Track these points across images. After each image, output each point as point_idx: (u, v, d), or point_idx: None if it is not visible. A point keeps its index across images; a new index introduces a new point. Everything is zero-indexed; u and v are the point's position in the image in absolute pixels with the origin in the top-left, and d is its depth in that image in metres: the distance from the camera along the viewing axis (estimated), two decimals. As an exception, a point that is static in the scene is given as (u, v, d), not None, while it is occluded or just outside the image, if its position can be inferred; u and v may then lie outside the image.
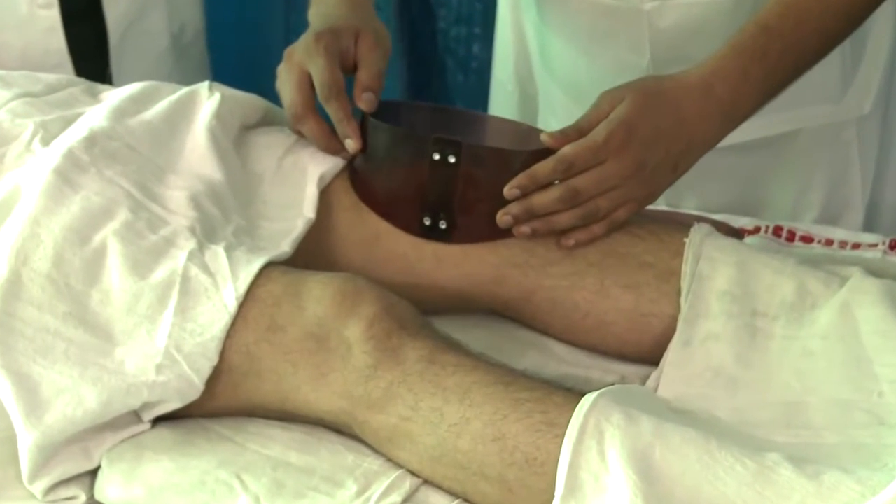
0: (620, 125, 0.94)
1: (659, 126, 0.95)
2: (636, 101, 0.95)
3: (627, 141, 0.94)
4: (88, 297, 0.89)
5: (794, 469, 0.76)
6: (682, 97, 0.97)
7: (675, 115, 0.96)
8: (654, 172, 0.96)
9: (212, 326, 0.87)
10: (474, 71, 2.02)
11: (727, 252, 0.98)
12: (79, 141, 0.96)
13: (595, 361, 1.01)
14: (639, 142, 0.94)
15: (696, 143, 0.98)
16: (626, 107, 0.95)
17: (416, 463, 0.86)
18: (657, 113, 0.96)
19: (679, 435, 0.78)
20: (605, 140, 0.94)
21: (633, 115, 0.94)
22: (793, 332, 0.93)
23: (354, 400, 0.87)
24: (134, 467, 0.87)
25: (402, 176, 1.01)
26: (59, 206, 0.92)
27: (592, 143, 0.94)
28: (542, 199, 0.96)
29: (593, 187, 0.95)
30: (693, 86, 0.97)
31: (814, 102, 1.28)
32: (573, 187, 0.95)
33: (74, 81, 1.14)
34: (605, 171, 0.94)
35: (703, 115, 0.97)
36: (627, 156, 0.94)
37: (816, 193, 1.35)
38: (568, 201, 0.95)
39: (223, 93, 1.07)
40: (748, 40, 0.99)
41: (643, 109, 0.95)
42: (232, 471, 0.86)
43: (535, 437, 0.81)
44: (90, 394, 0.85)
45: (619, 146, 0.94)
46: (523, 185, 0.95)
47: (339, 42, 1.01)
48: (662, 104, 0.96)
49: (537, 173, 0.95)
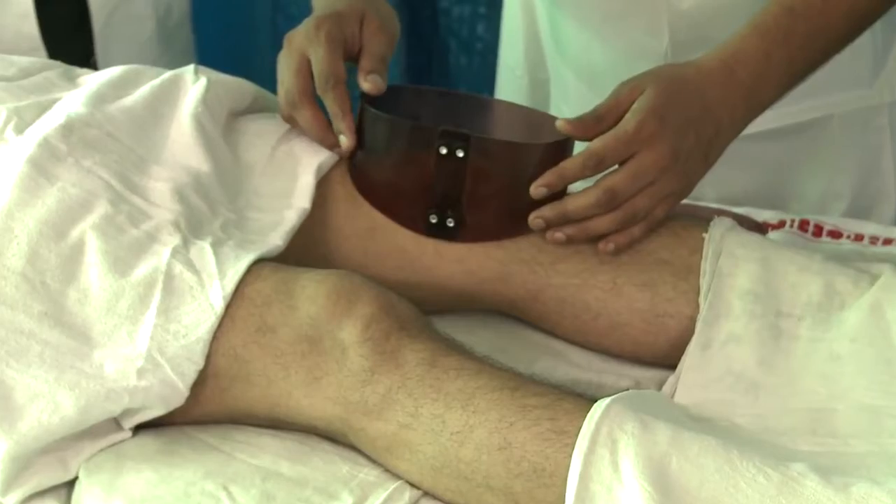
0: (649, 114, 0.94)
1: (686, 113, 0.96)
2: (661, 90, 0.95)
3: (659, 130, 0.94)
4: (65, 296, 0.89)
5: (821, 480, 0.76)
6: (704, 83, 0.97)
7: (700, 102, 0.97)
8: (688, 162, 0.96)
9: (197, 328, 0.88)
10: (479, 53, 2.02)
11: (750, 248, 0.98)
12: (55, 129, 0.96)
13: (607, 365, 1.01)
14: (670, 130, 0.95)
15: (723, 129, 0.99)
16: (652, 95, 0.95)
17: (416, 473, 0.86)
18: (683, 100, 0.96)
19: (697, 444, 0.78)
20: (636, 130, 0.94)
21: (661, 104, 0.95)
22: (819, 333, 0.93)
23: (350, 406, 0.87)
24: (114, 478, 0.87)
25: (406, 170, 1.01)
26: (33, 198, 0.92)
27: (623, 133, 0.94)
28: (577, 203, 0.96)
29: (630, 185, 0.95)
30: (714, 70, 0.98)
31: (843, 88, 1.28)
32: (610, 188, 0.95)
33: (50, 65, 1.14)
34: (639, 165, 0.94)
35: (726, 100, 0.98)
36: (661, 146, 0.94)
37: (846, 184, 1.35)
38: (605, 205, 0.95)
39: (210, 77, 1.07)
40: (771, 22, 0.99)
41: (669, 97, 0.95)
42: (219, 482, 0.86)
43: (544, 445, 0.81)
44: (67, 399, 0.85)
45: (650, 136, 0.94)
46: (551, 183, 0.96)
47: (342, 28, 1.02)
48: (686, 91, 0.97)
49: (566, 170, 0.95)
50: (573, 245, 1.00)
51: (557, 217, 0.97)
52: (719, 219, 1.01)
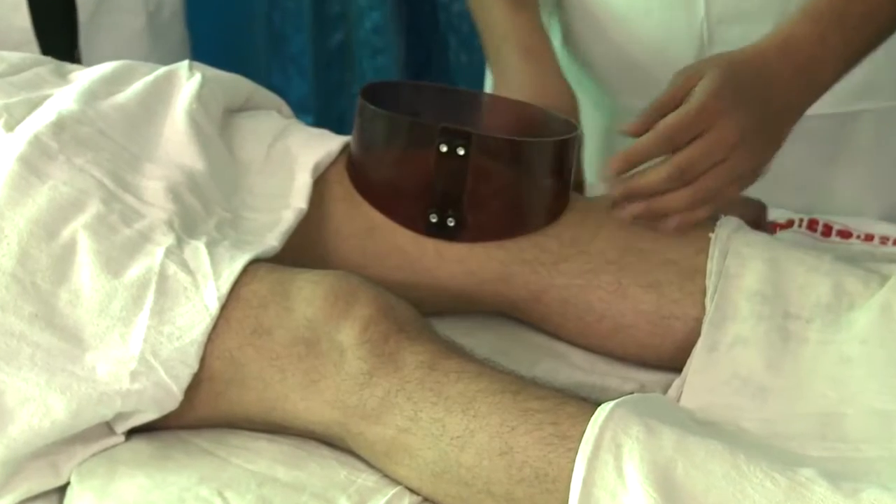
0: (712, 95, 0.96)
1: (749, 93, 0.97)
2: (721, 72, 0.97)
3: (724, 108, 0.95)
4: (56, 298, 0.89)
5: (830, 486, 0.76)
6: (762, 65, 0.99)
7: (761, 82, 0.98)
8: (755, 141, 0.98)
9: (191, 329, 0.87)
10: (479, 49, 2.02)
11: (757, 248, 0.98)
12: (46, 126, 0.96)
13: (612, 368, 1.01)
14: (734, 108, 0.96)
15: (785, 109, 1.00)
16: (713, 77, 0.96)
17: (416, 479, 0.86)
18: (743, 81, 0.98)
19: (704, 449, 0.78)
20: (700, 109, 0.95)
21: (722, 84, 0.96)
22: (828, 335, 0.93)
23: (348, 410, 0.87)
24: (106, 484, 0.87)
25: (405, 169, 1.01)
26: (24, 197, 0.91)
27: (688, 111, 0.96)
28: (648, 178, 0.97)
29: (700, 161, 0.96)
30: (770, 54, 1.00)
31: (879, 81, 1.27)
32: (679, 164, 0.96)
33: (41, 60, 1.14)
34: (709, 141, 0.96)
35: (785, 81, 0.99)
36: (727, 123, 0.96)
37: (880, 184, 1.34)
38: (677, 179, 0.96)
39: (204, 73, 1.07)
40: (824, 5, 1.01)
41: (730, 78, 0.97)
42: (214, 487, 0.86)
43: (546, 450, 0.81)
44: (58, 403, 0.85)
45: (715, 114, 0.95)
46: (620, 167, 0.97)
47: None
48: (746, 72, 0.98)
49: (635, 152, 0.97)
50: (576, 245, 1.00)
51: (626, 193, 0.97)
52: (726, 218, 1.01)
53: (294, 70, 2.03)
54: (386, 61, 2.03)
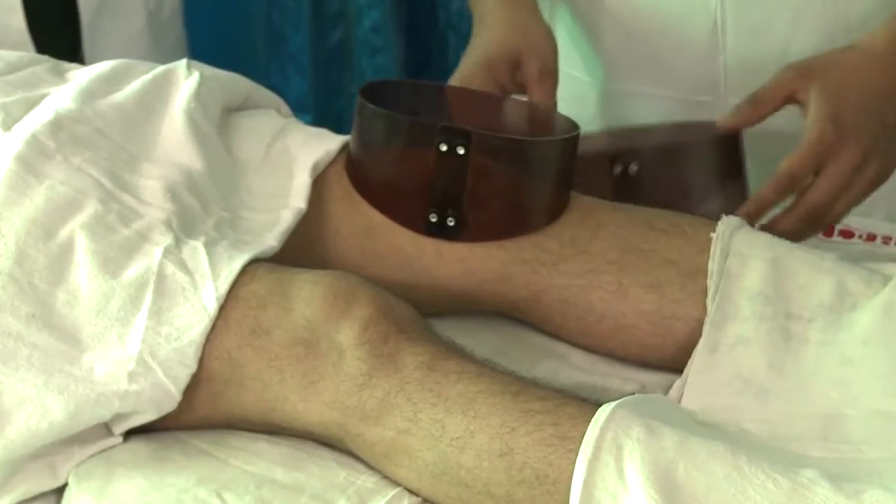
0: (827, 122, 0.96)
1: (863, 106, 0.97)
2: (830, 89, 0.97)
3: (841, 136, 0.96)
4: (54, 298, 0.89)
5: (832, 487, 0.76)
6: (874, 67, 0.99)
7: (875, 88, 0.98)
8: (879, 150, 0.98)
9: (190, 330, 0.87)
10: (479, 48, 2.02)
11: (759, 247, 0.98)
12: (43, 125, 0.96)
13: (612, 369, 1.01)
14: (851, 131, 0.96)
15: None
16: (823, 99, 0.96)
17: (415, 480, 0.86)
18: (856, 93, 0.98)
19: (705, 450, 0.78)
20: (818, 141, 0.96)
21: (834, 106, 0.96)
22: (830, 336, 0.93)
23: (347, 411, 0.87)
24: (104, 485, 0.87)
25: (405, 168, 1.01)
26: (21, 197, 0.92)
27: (807, 147, 0.96)
28: (784, 224, 1.01)
29: (829, 198, 0.99)
30: (882, 52, 0.99)
31: None
32: (811, 208, 0.99)
33: (38, 59, 1.14)
34: (833, 177, 0.98)
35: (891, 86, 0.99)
36: (847, 151, 0.96)
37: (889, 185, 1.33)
38: (813, 220, 1.00)
39: (203, 72, 1.07)
40: None
41: (840, 95, 0.97)
42: (212, 489, 0.86)
43: (547, 452, 0.81)
44: (56, 404, 0.85)
45: (834, 144, 0.96)
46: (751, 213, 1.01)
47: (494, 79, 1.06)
48: (857, 82, 0.98)
49: (764, 198, 1.00)
50: (577, 245, 1.00)
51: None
52: (728, 217, 1.01)
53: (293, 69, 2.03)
54: (385, 60, 2.04)
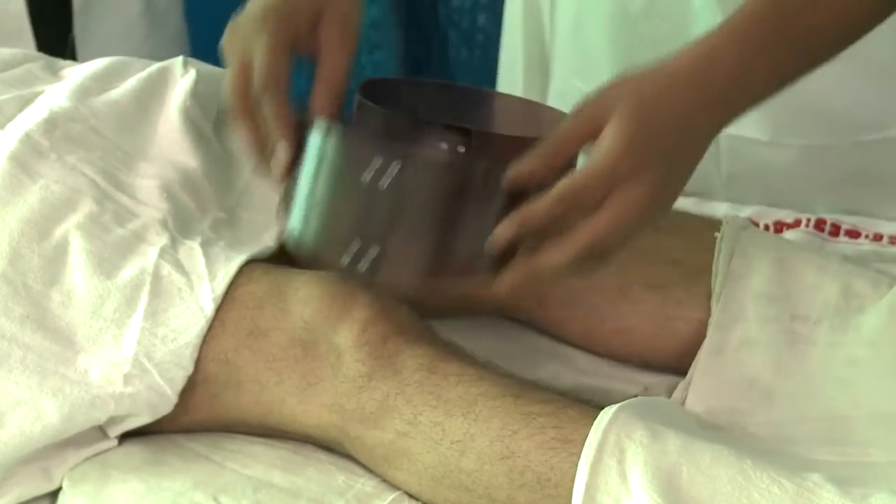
0: (627, 147, 0.83)
1: (667, 137, 0.86)
2: (634, 113, 0.84)
3: (640, 164, 0.83)
4: (48, 299, 0.89)
5: (838, 491, 0.76)
6: (681, 92, 0.87)
7: (676, 118, 0.86)
8: (671, 187, 0.87)
9: (186, 331, 0.88)
10: (480, 45, 2.02)
11: (764, 248, 0.98)
12: (37, 124, 0.96)
13: (615, 371, 1.01)
14: (652, 161, 0.84)
15: (701, 139, 0.88)
16: (625, 121, 0.84)
17: (415, 484, 0.86)
18: (661, 121, 0.86)
19: (709, 453, 0.78)
20: (613, 167, 0.82)
21: (637, 131, 0.84)
22: (837, 338, 0.93)
23: (346, 413, 0.87)
24: (99, 489, 0.87)
25: None
26: (15, 196, 0.92)
27: (596, 171, 0.82)
28: (553, 261, 0.82)
29: (614, 235, 0.83)
30: (687, 76, 0.87)
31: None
32: (591, 243, 0.82)
33: (32, 57, 1.14)
34: (621, 209, 0.82)
35: (704, 109, 0.87)
36: (643, 183, 0.83)
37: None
38: (587, 255, 0.83)
39: (199, 69, 1.07)
40: (754, 23, 0.89)
41: (645, 121, 0.85)
42: (209, 492, 0.86)
43: (548, 455, 0.81)
44: (50, 406, 0.85)
45: (629, 172, 0.82)
46: (513, 233, 0.82)
47: (291, 24, 0.91)
48: (663, 108, 0.86)
49: (533, 216, 0.82)
50: None
51: (529, 280, 0.83)
52: (733, 217, 1.01)
53: (291, 65, 2.03)
54: (384, 57, 2.04)
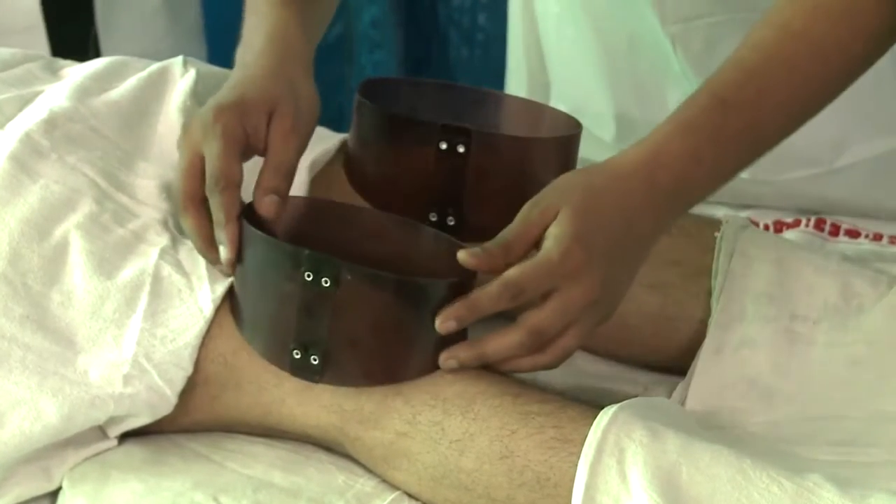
0: (574, 242, 0.84)
1: (611, 234, 0.86)
2: (579, 210, 0.85)
3: (586, 260, 0.85)
4: (48, 299, 0.89)
5: (837, 491, 0.76)
6: (624, 193, 0.88)
7: (622, 217, 0.87)
8: (617, 288, 0.88)
9: (185, 332, 0.88)
10: (480, 44, 2.02)
11: (764, 248, 0.99)
12: (37, 123, 0.97)
13: (615, 370, 1.01)
14: (597, 258, 0.85)
15: (646, 239, 0.90)
16: (571, 219, 0.85)
17: (415, 484, 0.86)
18: (605, 220, 0.87)
19: (709, 453, 0.78)
20: (561, 261, 0.84)
21: (583, 228, 0.85)
22: (836, 338, 0.93)
23: (345, 414, 0.87)
24: (99, 489, 0.87)
25: (404, 166, 1.01)
26: (15, 196, 0.92)
27: (545, 263, 0.84)
28: (499, 345, 0.86)
29: (557, 324, 0.85)
30: (633, 177, 0.88)
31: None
32: (537, 330, 0.85)
33: (31, 57, 1.14)
34: (567, 301, 0.85)
35: (649, 208, 0.88)
36: (589, 278, 0.85)
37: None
38: (529, 347, 0.86)
39: (199, 69, 1.08)
40: (700, 116, 0.89)
41: (590, 219, 0.86)
42: (209, 492, 0.86)
43: (548, 454, 0.81)
44: (50, 407, 0.86)
45: (577, 267, 0.84)
46: (461, 316, 0.84)
47: (244, 122, 0.92)
48: (606, 207, 0.87)
49: (480, 303, 0.84)
50: None
51: (474, 360, 0.86)
52: (733, 217, 1.02)
53: (291, 64, 2.03)
54: (385, 56, 2.04)
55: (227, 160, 0.89)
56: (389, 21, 2.03)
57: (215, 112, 0.91)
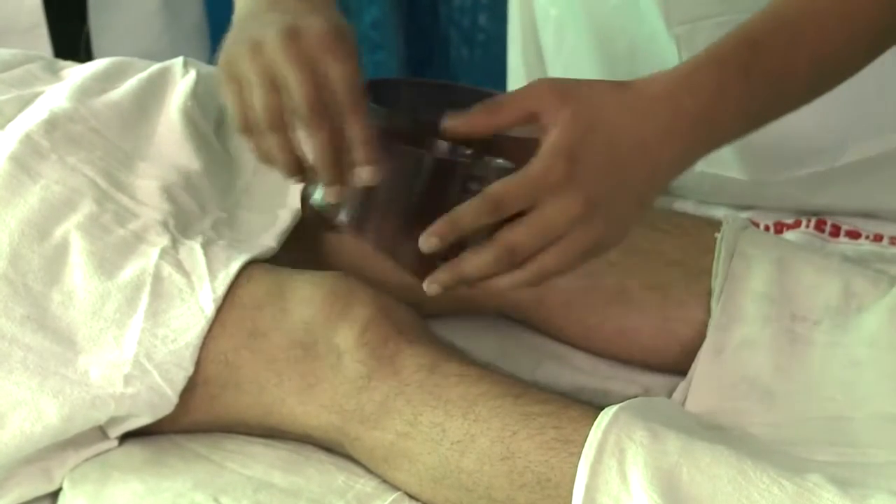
0: (560, 155, 0.81)
1: (609, 151, 0.83)
2: (578, 121, 0.82)
3: (569, 174, 0.81)
4: (48, 299, 0.89)
5: (838, 492, 0.76)
6: (642, 112, 0.85)
7: (634, 135, 0.84)
8: (613, 207, 0.83)
9: (186, 332, 0.88)
10: (481, 44, 2.02)
11: (764, 248, 0.99)
12: (38, 124, 0.97)
13: (615, 371, 1.01)
14: (584, 173, 0.82)
15: (662, 165, 0.86)
16: (566, 129, 0.82)
17: (415, 485, 0.86)
18: (606, 135, 0.84)
19: (709, 453, 0.78)
20: (542, 174, 0.81)
21: (575, 141, 0.82)
22: (837, 338, 0.93)
23: (346, 414, 0.87)
24: (100, 489, 0.87)
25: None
26: (15, 197, 0.92)
27: (525, 178, 0.81)
28: (474, 264, 0.82)
29: (532, 241, 0.82)
30: (657, 97, 0.85)
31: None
32: (509, 245, 0.82)
33: (32, 57, 1.14)
34: (543, 217, 0.81)
35: (669, 133, 0.85)
36: (570, 193, 0.81)
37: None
38: (505, 261, 0.82)
39: (199, 70, 1.08)
40: (730, 52, 0.87)
41: (587, 132, 0.83)
42: (209, 493, 0.86)
43: (548, 455, 0.81)
44: (50, 407, 0.86)
45: (558, 182, 0.81)
46: (443, 233, 0.81)
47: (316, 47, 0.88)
48: (612, 123, 0.84)
49: (460, 218, 0.81)
50: None
51: (455, 281, 0.84)
52: (733, 218, 1.02)
53: (291, 65, 2.03)
54: (385, 57, 2.04)
55: (357, 81, 0.87)
56: (390, 22, 2.03)
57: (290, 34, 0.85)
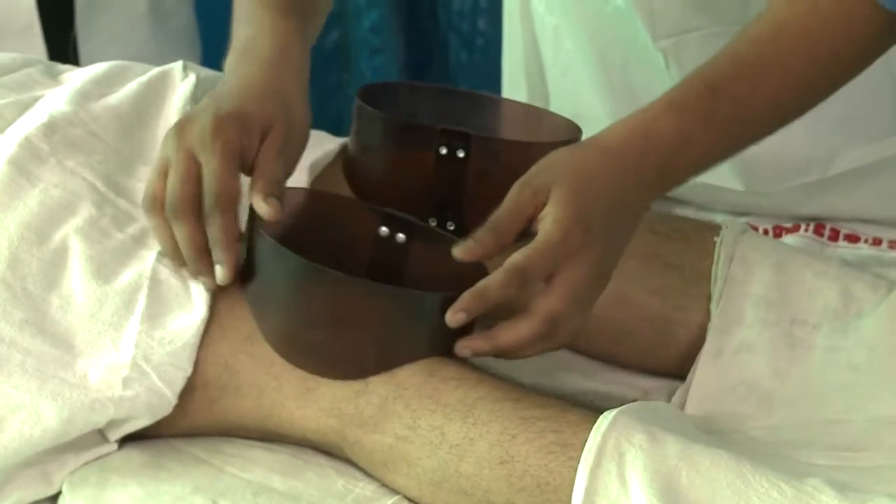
0: (573, 221, 0.85)
1: (605, 210, 0.87)
2: (574, 189, 0.86)
3: (586, 238, 0.85)
4: (47, 303, 0.89)
5: (837, 495, 0.76)
6: (616, 169, 0.88)
7: (613, 193, 0.88)
8: (612, 261, 0.89)
9: (183, 333, 0.88)
10: (480, 49, 2.02)
11: (763, 252, 0.99)
12: (37, 128, 0.97)
13: (614, 375, 1.01)
14: (596, 235, 0.86)
15: (635, 214, 0.91)
16: (567, 198, 0.86)
17: (415, 488, 0.86)
18: (597, 195, 0.87)
19: (708, 457, 0.79)
20: (562, 241, 0.85)
21: (580, 206, 0.86)
22: (836, 342, 0.93)
23: (344, 418, 0.87)
24: (99, 493, 0.87)
25: (404, 171, 1.01)
26: (14, 200, 0.92)
27: (547, 245, 0.85)
28: (513, 337, 0.86)
29: (567, 306, 0.85)
30: (624, 155, 0.88)
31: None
32: (552, 316, 0.85)
33: (31, 61, 1.14)
34: (573, 282, 0.85)
35: (639, 186, 0.89)
36: (589, 256, 0.86)
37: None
38: (547, 332, 0.86)
39: (199, 74, 1.08)
40: (692, 99, 0.89)
41: (586, 197, 0.86)
42: (208, 497, 0.86)
43: (548, 459, 0.81)
44: (49, 410, 0.86)
45: (578, 247, 0.85)
46: (472, 308, 0.84)
47: (243, 138, 0.91)
48: (598, 184, 0.88)
49: (488, 292, 0.84)
50: None
51: (489, 352, 0.87)
52: (733, 222, 1.02)
53: (290, 69, 2.03)
54: (384, 61, 2.04)
55: (228, 178, 0.89)
56: (389, 26, 2.03)
57: (215, 123, 0.90)
